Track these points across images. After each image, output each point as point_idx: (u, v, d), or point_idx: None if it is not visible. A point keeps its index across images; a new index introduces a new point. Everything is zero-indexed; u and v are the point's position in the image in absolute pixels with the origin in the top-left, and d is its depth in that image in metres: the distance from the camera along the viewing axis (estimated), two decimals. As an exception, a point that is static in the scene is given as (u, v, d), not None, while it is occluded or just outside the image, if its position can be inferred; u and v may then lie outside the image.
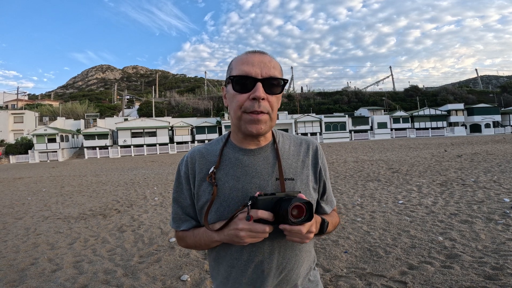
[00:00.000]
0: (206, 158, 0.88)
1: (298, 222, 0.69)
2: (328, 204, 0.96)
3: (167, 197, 7.20)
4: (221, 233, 0.77)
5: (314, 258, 0.96)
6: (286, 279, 0.84)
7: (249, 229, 0.70)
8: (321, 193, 0.94)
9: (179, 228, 0.90)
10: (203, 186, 0.85)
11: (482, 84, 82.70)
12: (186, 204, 0.88)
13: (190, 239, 0.87)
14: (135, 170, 15.12)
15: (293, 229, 0.69)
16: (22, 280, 3.01)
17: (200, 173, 0.86)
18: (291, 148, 0.91)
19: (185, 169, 0.88)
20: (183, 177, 0.89)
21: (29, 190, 9.80)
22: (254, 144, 0.86)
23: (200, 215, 0.86)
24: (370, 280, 2.61)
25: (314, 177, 0.90)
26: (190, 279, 2.86)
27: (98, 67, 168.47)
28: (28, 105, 51.08)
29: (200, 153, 0.89)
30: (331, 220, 0.90)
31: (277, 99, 0.82)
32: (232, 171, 0.84)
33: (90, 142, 34.43)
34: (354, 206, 5.28)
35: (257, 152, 0.86)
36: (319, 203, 0.94)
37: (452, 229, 3.72)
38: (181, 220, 0.90)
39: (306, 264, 0.89)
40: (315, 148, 0.93)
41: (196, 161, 0.87)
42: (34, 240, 4.33)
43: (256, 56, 0.80)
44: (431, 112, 44.19)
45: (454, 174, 8.05)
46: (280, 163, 0.84)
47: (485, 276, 2.52)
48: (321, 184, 0.93)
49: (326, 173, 0.95)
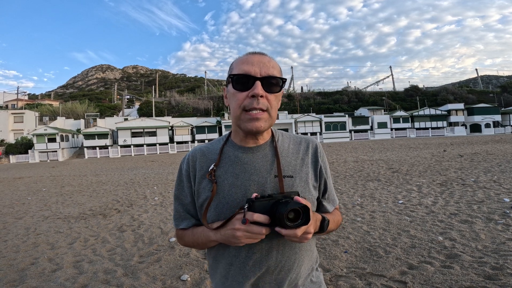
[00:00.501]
0: (206, 156, 0.90)
1: (294, 226, 0.69)
2: (330, 203, 0.96)
3: (167, 197, 7.20)
4: (217, 232, 0.78)
5: (317, 259, 0.96)
6: (285, 278, 0.83)
7: (246, 230, 0.71)
8: (323, 191, 0.94)
9: (179, 226, 0.91)
10: (203, 183, 0.86)
11: (482, 84, 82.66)
12: (187, 202, 0.90)
13: (189, 238, 0.89)
14: (135, 170, 15.12)
15: (289, 233, 0.69)
16: (22, 279, 3.01)
17: (201, 170, 0.88)
18: (290, 146, 0.92)
19: (186, 167, 0.90)
20: (184, 175, 0.91)
21: (29, 190, 9.80)
22: (253, 143, 0.88)
23: (200, 212, 0.87)
24: (370, 280, 2.61)
25: (314, 175, 0.91)
26: (190, 278, 2.86)
27: (98, 66, 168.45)
28: (28, 105, 51.08)
29: (201, 151, 0.91)
30: (332, 219, 0.90)
31: (276, 98, 0.83)
32: (232, 168, 0.85)
33: (90, 142, 34.43)
34: (354, 206, 5.28)
35: (256, 150, 0.87)
36: (320, 202, 0.94)
37: (452, 229, 3.72)
38: (181, 217, 0.91)
39: (307, 264, 0.89)
40: (315, 147, 0.94)
41: (197, 159, 0.89)
42: (34, 240, 4.33)
43: (255, 56, 0.82)
44: (431, 112, 44.18)
45: (454, 174, 8.05)
46: (278, 160, 0.85)
47: (485, 276, 2.52)
48: (321, 182, 0.93)
49: (327, 171, 0.95)
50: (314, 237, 0.92)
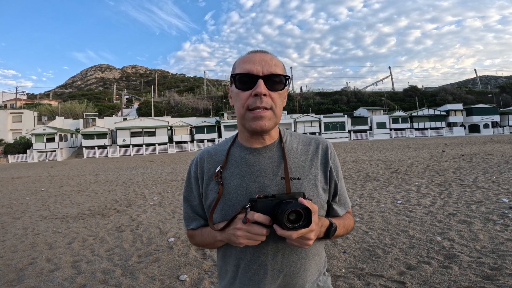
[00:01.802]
0: (214, 158, 0.90)
1: (294, 227, 0.66)
2: (341, 206, 0.92)
3: (166, 197, 7.19)
4: (222, 232, 0.78)
5: (325, 263, 0.93)
6: (291, 283, 0.82)
7: (246, 230, 0.70)
8: (333, 194, 0.91)
9: (188, 226, 0.93)
10: (210, 185, 0.87)
11: (481, 85, 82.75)
12: (195, 203, 0.91)
13: (198, 238, 0.90)
14: (134, 170, 15.10)
15: (283, 234, 0.67)
16: (20, 279, 3.00)
17: (208, 172, 0.88)
18: (299, 147, 0.90)
19: (194, 169, 0.91)
20: (192, 177, 0.92)
21: (27, 190, 9.77)
22: (259, 143, 0.87)
23: (208, 214, 0.88)
24: (368, 280, 2.61)
25: (324, 177, 0.88)
26: (189, 279, 2.86)
27: (97, 66, 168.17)
28: (27, 105, 50.88)
29: (209, 153, 0.92)
30: (342, 223, 0.87)
31: (280, 96, 0.82)
32: (238, 170, 0.85)
33: (89, 142, 34.36)
34: (353, 206, 5.29)
35: (262, 151, 0.86)
36: (330, 205, 0.91)
37: (450, 229, 3.73)
38: (190, 218, 0.93)
39: (314, 269, 0.86)
40: (325, 147, 0.91)
41: (205, 161, 0.90)
42: (32, 240, 4.32)
43: (257, 55, 0.82)
44: (430, 112, 44.25)
45: (452, 174, 8.07)
46: (286, 162, 0.84)
47: (483, 276, 2.53)
48: (332, 185, 0.90)
49: (338, 173, 0.92)
50: (322, 241, 0.90)
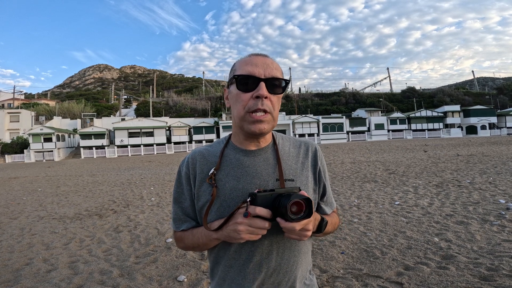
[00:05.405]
0: (207, 159, 0.89)
1: (297, 218, 0.68)
2: (328, 206, 0.96)
3: (164, 198, 7.18)
4: (219, 230, 0.77)
5: (310, 262, 0.97)
6: (284, 280, 0.84)
7: (248, 224, 0.71)
8: (321, 194, 0.94)
9: (179, 228, 0.90)
10: (203, 187, 0.86)
11: (479, 86, 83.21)
12: (187, 205, 0.89)
13: (189, 239, 0.87)
14: (132, 170, 15.06)
15: (287, 226, 0.69)
16: (17, 280, 2.98)
17: (201, 174, 0.87)
18: (290, 150, 0.92)
19: (186, 170, 0.89)
20: (183, 177, 0.90)
21: (24, 190, 9.72)
22: (254, 145, 0.88)
23: (199, 216, 0.87)
24: (366, 281, 2.62)
25: (314, 178, 0.92)
26: (187, 279, 2.85)
27: (95, 66, 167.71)
28: (24, 104, 50.59)
29: (201, 154, 0.90)
30: (330, 220, 0.90)
31: (278, 100, 0.84)
32: (233, 171, 0.85)
33: (87, 142, 34.23)
34: (351, 207, 5.30)
35: (257, 153, 0.87)
36: (319, 205, 0.94)
37: (447, 230, 3.74)
38: (181, 220, 0.90)
39: (303, 267, 0.89)
40: (314, 150, 0.94)
41: (197, 162, 0.89)
42: (29, 240, 4.29)
43: (259, 58, 0.83)
44: (427, 114, 44.43)
45: (450, 175, 8.10)
46: (280, 164, 0.86)
47: (480, 277, 2.54)
48: (321, 186, 0.94)
49: (326, 174, 0.96)
50: (311, 239, 0.92)
